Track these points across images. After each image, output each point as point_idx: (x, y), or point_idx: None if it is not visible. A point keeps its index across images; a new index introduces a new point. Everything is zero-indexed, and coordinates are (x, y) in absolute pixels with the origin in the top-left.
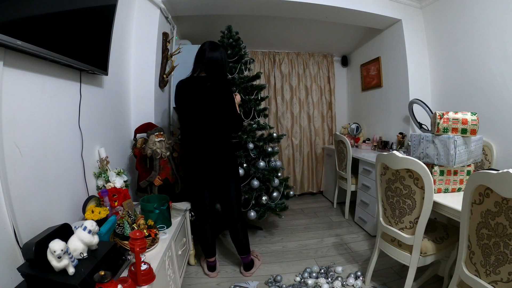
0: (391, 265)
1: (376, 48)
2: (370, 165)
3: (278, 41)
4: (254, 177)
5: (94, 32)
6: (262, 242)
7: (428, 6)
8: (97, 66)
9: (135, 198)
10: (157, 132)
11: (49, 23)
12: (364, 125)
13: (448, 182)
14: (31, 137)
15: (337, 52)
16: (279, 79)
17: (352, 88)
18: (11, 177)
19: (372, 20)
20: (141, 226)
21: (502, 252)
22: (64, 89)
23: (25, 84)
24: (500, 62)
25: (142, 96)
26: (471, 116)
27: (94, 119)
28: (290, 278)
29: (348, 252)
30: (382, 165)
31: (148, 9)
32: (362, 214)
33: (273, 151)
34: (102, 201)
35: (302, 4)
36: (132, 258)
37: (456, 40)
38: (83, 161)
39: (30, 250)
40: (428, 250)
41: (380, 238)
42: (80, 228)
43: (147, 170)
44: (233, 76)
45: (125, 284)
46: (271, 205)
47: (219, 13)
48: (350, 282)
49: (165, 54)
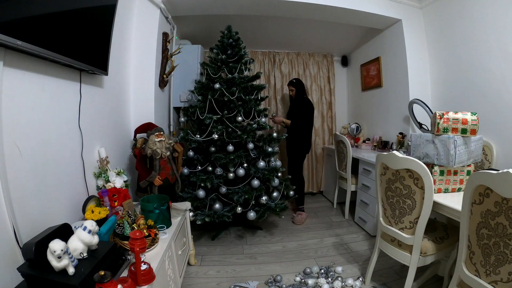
0: (391, 265)
1: (376, 48)
2: (370, 165)
3: (278, 41)
4: (254, 177)
5: (94, 32)
6: (262, 242)
7: (428, 6)
8: (97, 66)
9: (135, 198)
10: (157, 132)
11: (49, 23)
12: (364, 125)
13: (448, 182)
14: (31, 137)
15: (337, 52)
16: (279, 79)
17: (352, 88)
18: (11, 177)
19: (372, 20)
20: (141, 226)
21: (502, 252)
22: (64, 89)
23: (25, 84)
24: (500, 62)
25: (142, 96)
26: (471, 116)
27: (94, 119)
28: (290, 278)
29: (348, 252)
30: (382, 165)
31: (148, 9)
32: (362, 214)
33: (273, 151)
34: (102, 201)
35: (302, 4)
36: (132, 258)
37: (456, 40)
38: (83, 161)
39: (30, 250)
40: (428, 250)
41: (380, 238)
42: (80, 228)
43: (147, 170)
44: (233, 76)
45: (125, 284)
46: (271, 205)
47: (219, 13)
48: (349, 282)
49: (165, 54)
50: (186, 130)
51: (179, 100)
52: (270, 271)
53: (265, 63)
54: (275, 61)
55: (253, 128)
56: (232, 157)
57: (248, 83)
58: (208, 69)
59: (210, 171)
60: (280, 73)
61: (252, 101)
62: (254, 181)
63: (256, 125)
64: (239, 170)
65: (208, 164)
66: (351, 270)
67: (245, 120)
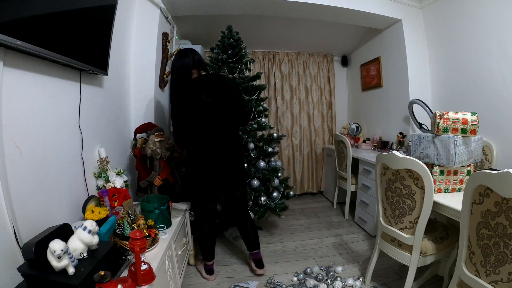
0: (391, 265)
1: (376, 48)
2: (370, 165)
3: (278, 41)
4: (254, 177)
5: (94, 32)
6: (262, 242)
7: (428, 6)
8: (97, 66)
9: (135, 198)
10: (157, 132)
11: (49, 23)
12: (364, 125)
13: (448, 182)
14: (31, 137)
15: (337, 52)
16: (279, 79)
17: (352, 88)
18: (11, 177)
19: (372, 20)
20: (141, 226)
21: (502, 252)
22: (64, 89)
23: (25, 84)
24: (500, 62)
25: (142, 96)
26: (471, 116)
27: (94, 119)
28: (290, 278)
29: (348, 252)
30: (382, 165)
31: (148, 9)
32: (362, 214)
33: (273, 151)
34: (102, 201)
35: (302, 4)
36: (132, 258)
37: (456, 40)
38: (83, 161)
39: (30, 250)
40: (428, 250)
41: (380, 238)
42: (80, 228)
43: (147, 170)
44: (234, 76)
45: (125, 284)
46: (271, 205)
47: (219, 13)
48: (349, 282)
49: (165, 54)
50: None
51: None
52: (270, 271)
53: (265, 63)
54: (275, 61)
55: (253, 128)
56: None
57: (248, 83)
58: (209, 69)
59: None
60: (280, 73)
61: (253, 102)
62: (254, 181)
63: (256, 125)
64: None
65: None
66: (351, 270)
67: None
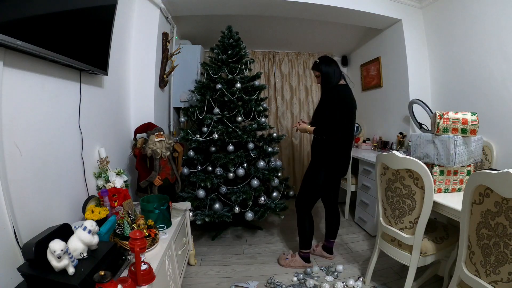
0: (391, 265)
1: (376, 48)
2: (370, 165)
3: (278, 41)
4: (254, 177)
5: (94, 32)
6: (262, 242)
7: (428, 6)
8: (97, 66)
9: (135, 198)
10: (157, 132)
11: (49, 23)
12: (364, 125)
13: (448, 182)
14: (31, 137)
15: (337, 52)
16: (279, 79)
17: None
18: (11, 177)
19: (372, 20)
20: (141, 226)
21: (502, 252)
22: (64, 89)
23: (25, 84)
24: (500, 62)
25: (142, 96)
26: (471, 116)
27: (94, 119)
28: (290, 278)
29: (348, 252)
30: (382, 165)
31: (148, 9)
32: (362, 214)
33: (273, 151)
34: (102, 201)
35: (302, 4)
36: (132, 258)
37: (456, 40)
38: (83, 161)
39: (30, 250)
40: (428, 250)
41: (380, 238)
42: (80, 228)
43: (147, 170)
44: (233, 76)
45: (125, 284)
46: (271, 205)
47: (219, 13)
48: (350, 283)
49: (165, 54)
50: (186, 130)
51: (179, 100)
52: (270, 271)
53: (265, 63)
54: (275, 61)
55: (253, 128)
56: (232, 157)
57: (248, 83)
58: (209, 69)
59: (210, 171)
60: (280, 73)
61: (253, 102)
62: (254, 181)
63: (256, 125)
64: (239, 170)
65: (208, 164)
66: (351, 270)
67: (245, 121)
